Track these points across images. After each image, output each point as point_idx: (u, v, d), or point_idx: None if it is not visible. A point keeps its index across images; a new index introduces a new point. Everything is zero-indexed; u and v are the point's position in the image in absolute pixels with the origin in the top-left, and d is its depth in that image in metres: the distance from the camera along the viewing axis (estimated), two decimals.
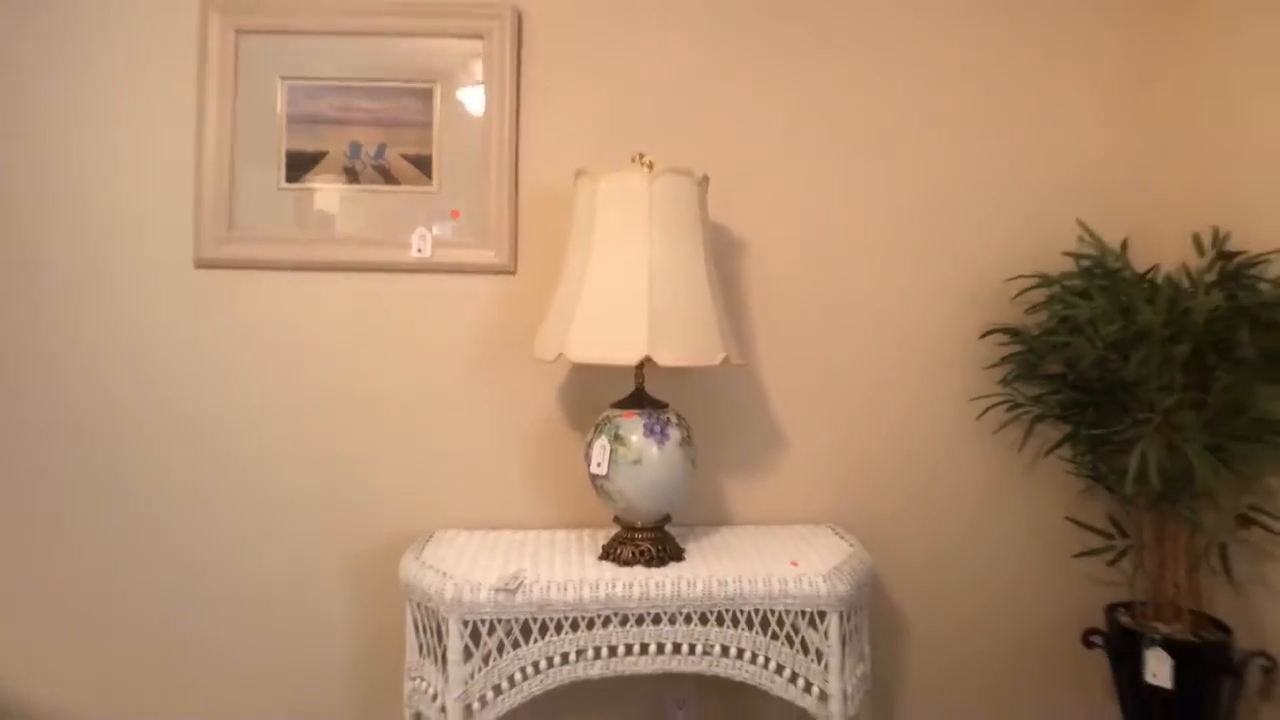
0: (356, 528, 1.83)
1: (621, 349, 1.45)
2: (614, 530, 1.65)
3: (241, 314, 1.81)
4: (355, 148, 1.81)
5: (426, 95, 1.81)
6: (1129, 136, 1.96)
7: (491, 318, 1.84)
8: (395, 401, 1.83)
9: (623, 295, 1.47)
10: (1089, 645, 1.81)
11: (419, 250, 1.81)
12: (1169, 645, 1.63)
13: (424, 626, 1.57)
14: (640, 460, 1.53)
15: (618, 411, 1.59)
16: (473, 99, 1.82)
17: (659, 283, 1.48)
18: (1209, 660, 1.63)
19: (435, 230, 1.81)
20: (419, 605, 1.57)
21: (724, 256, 1.87)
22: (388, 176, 1.81)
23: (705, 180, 1.62)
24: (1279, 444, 1.63)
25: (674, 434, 1.57)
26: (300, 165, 1.80)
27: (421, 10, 1.80)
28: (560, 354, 1.48)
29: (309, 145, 1.80)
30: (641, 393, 1.62)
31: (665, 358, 1.44)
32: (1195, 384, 1.65)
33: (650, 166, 1.54)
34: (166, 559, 1.80)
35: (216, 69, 1.77)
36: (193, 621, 1.81)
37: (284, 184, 1.80)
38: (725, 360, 1.53)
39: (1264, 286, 1.65)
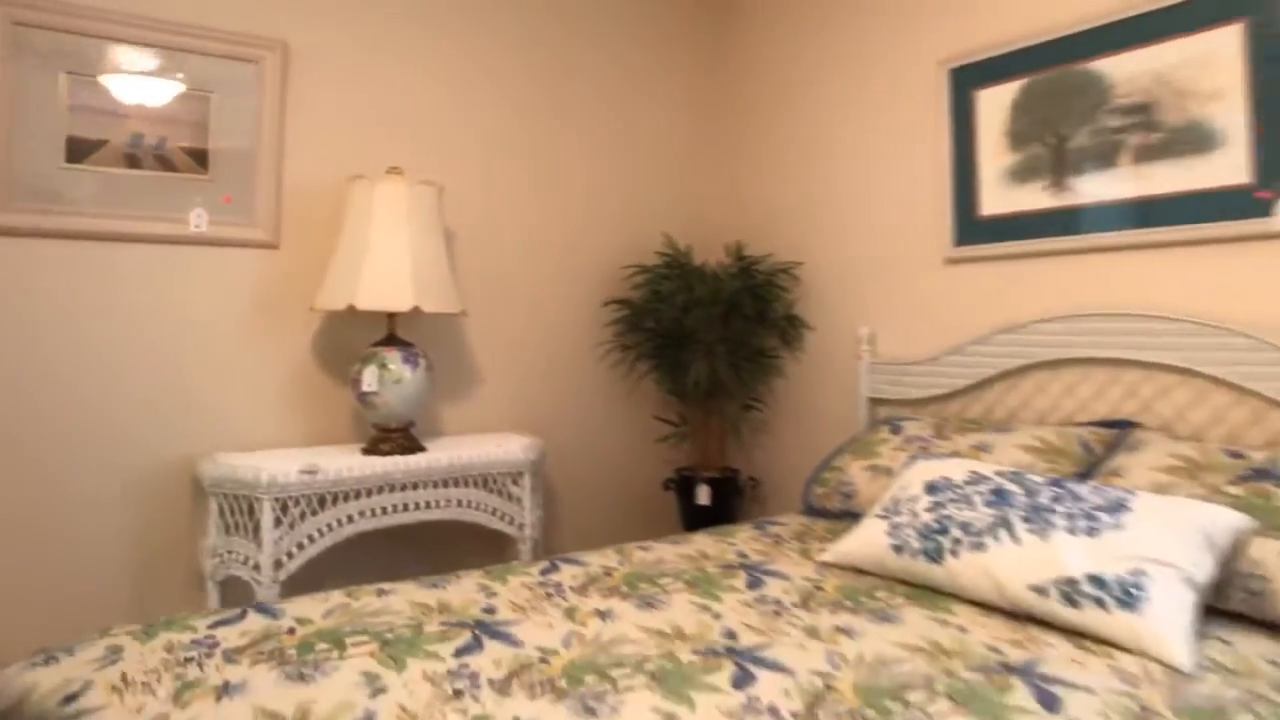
0: (141, 455, 2.27)
1: (398, 301, 2.21)
2: (370, 437, 2.38)
3: (34, 279, 2.13)
4: (137, 138, 2.24)
5: (205, 100, 2.31)
6: (694, 180, 3.21)
7: (259, 282, 2.41)
8: (176, 349, 2.31)
9: (396, 265, 2.22)
10: (666, 489, 3.01)
11: (197, 226, 2.31)
12: (709, 481, 2.86)
13: (233, 510, 2.15)
14: (400, 380, 2.30)
15: (379, 348, 2.32)
16: (246, 108, 2.36)
17: (418, 257, 2.27)
18: (727, 486, 2.90)
19: (210, 213, 2.33)
20: (226, 495, 2.14)
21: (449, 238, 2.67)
22: (167, 165, 2.28)
23: (442, 189, 2.42)
24: (766, 364, 2.96)
25: (421, 363, 2.35)
26: (82, 150, 2.18)
27: (207, 35, 2.29)
28: (350, 304, 2.19)
29: (91, 133, 2.19)
30: (394, 335, 2.37)
31: (428, 306, 2.25)
32: (725, 331, 2.89)
33: (400, 173, 2.30)
34: None
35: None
36: None
37: (64, 164, 2.17)
38: (462, 312, 2.36)
39: (759, 274, 2.94)
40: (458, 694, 1.18)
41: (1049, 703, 1.15)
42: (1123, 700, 1.16)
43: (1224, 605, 1.46)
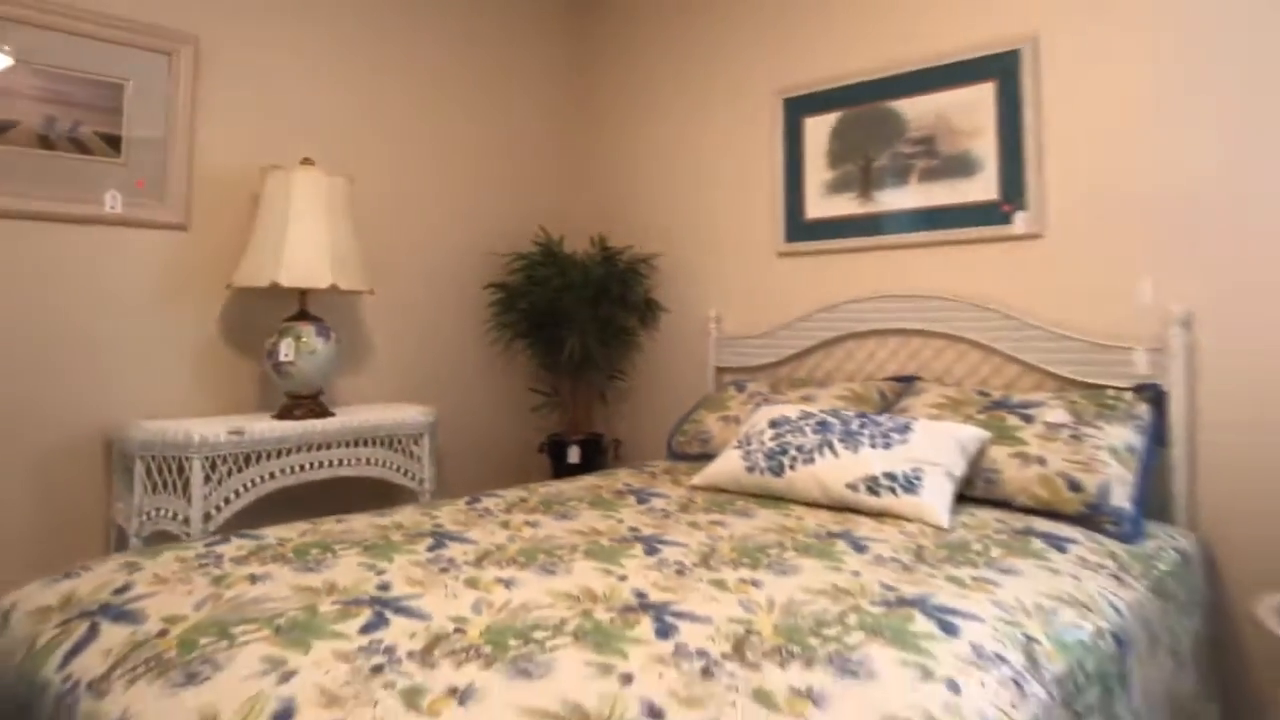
0: (53, 426, 2.42)
1: (318, 279, 2.51)
2: (282, 404, 2.64)
3: None
4: (49, 120, 2.39)
5: (119, 88, 2.48)
6: (566, 178, 3.66)
7: (170, 262, 2.61)
8: (89, 324, 2.47)
9: (315, 247, 2.52)
10: (540, 451, 3.44)
11: (111, 207, 2.49)
12: (578, 443, 3.32)
13: (160, 470, 2.36)
14: (314, 351, 2.59)
15: (294, 323, 2.60)
16: (158, 97, 2.55)
17: (334, 240, 2.57)
18: (594, 447, 3.38)
19: (124, 195, 2.50)
20: (155, 457, 2.36)
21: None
22: (81, 148, 2.44)
23: (353, 179, 2.72)
24: (628, 341, 3.45)
25: (331, 336, 2.65)
26: None
27: (122, 25, 2.47)
28: (274, 281, 2.46)
29: (2, 114, 2.32)
30: (305, 310, 2.65)
31: (344, 284, 2.56)
32: (593, 312, 3.35)
33: (313, 164, 2.59)
34: None
35: None
36: None
37: None
38: (370, 290, 2.68)
39: (621, 263, 3.42)
40: (377, 670, 1.15)
41: (860, 548, 1.71)
42: (907, 544, 1.74)
43: (971, 492, 2.11)
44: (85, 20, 2.42)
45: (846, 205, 2.90)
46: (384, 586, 1.49)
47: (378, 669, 1.15)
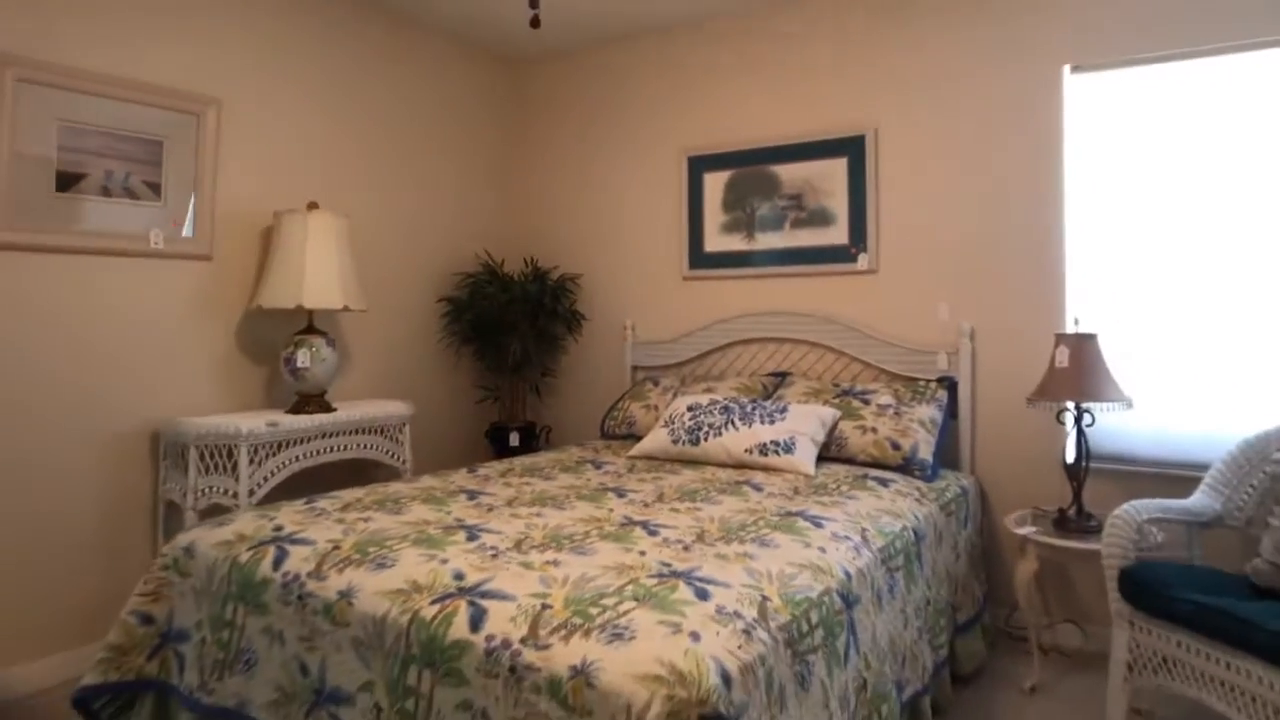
0: (109, 421, 3.02)
1: (333, 301, 3.23)
2: (294, 402, 3.33)
3: (31, 289, 2.81)
4: (109, 173, 2.99)
5: (159, 144, 3.10)
6: (502, 210, 4.46)
7: (196, 287, 3.24)
8: (135, 339, 3.07)
9: (329, 274, 3.23)
10: (486, 436, 4.24)
11: (155, 243, 3.10)
12: (517, 429, 4.14)
13: (213, 455, 3.02)
14: (325, 359, 3.30)
15: (306, 335, 3.30)
16: (189, 149, 3.18)
17: (342, 270, 3.28)
18: (529, 433, 4.21)
19: (164, 232, 3.12)
20: (208, 445, 3.01)
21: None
22: (131, 194, 3.04)
23: (349, 217, 3.43)
24: (558, 345, 4.31)
25: (336, 344, 3.36)
26: (67, 181, 2.89)
27: (162, 92, 3.08)
28: (299, 304, 3.15)
29: (74, 168, 2.90)
30: (312, 325, 3.34)
31: (352, 305, 3.28)
32: (532, 322, 4.17)
33: (318, 206, 3.30)
34: None
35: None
36: None
37: (54, 192, 2.87)
38: (365, 310, 3.42)
39: (551, 281, 4.25)
40: (494, 555, 2.12)
41: (759, 489, 2.66)
42: (787, 486, 2.71)
43: (828, 454, 3.12)
44: (133, 89, 3.03)
45: (736, 243, 3.87)
46: (460, 519, 2.30)
47: (494, 554, 1.98)
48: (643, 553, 2.01)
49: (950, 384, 3.34)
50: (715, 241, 3.94)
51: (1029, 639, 2.88)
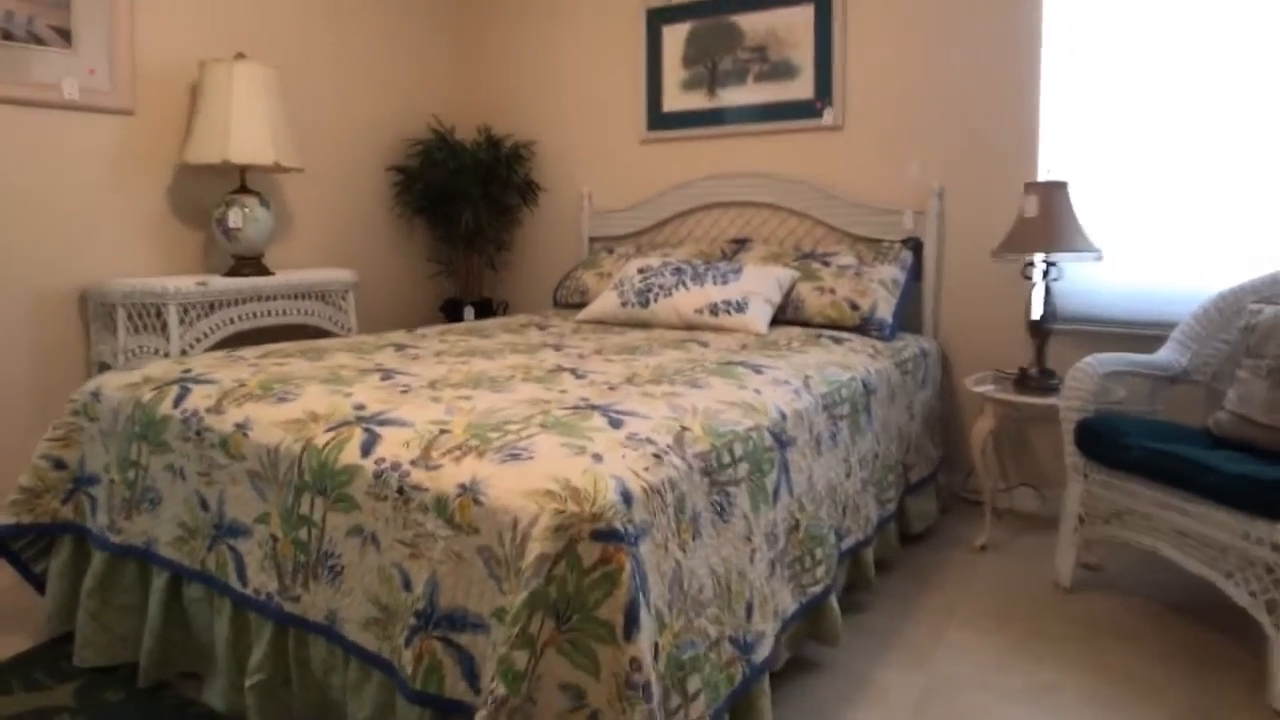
0: (33, 281, 2.90)
1: (263, 156, 3.07)
2: (229, 266, 3.20)
3: None
4: (9, 14, 2.79)
5: None
6: (457, 76, 4.23)
7: (119, 143, 3.07)
8: (54, 197, 2.93)
9: (258, 128, 3.06)
10: (441, 310, 4.14)
11: (69, 94, 2.92)
12: (473, 304, 4.03)
13: (141, 315, 2.91)
14: (258, 220, 3.16)
15: (239, 195, 3.15)
16: None
17: (273, 124, 3.11)
18: (485, 308, 4.10)
19: (79, 81, 2.94)
20: (135, 304, 2.90)
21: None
22: (37, 39, 2.85)
23: (280, 70, 3.24)
24: (512, 218, 4.16)
25: (271, 205, 3.22)
26: None
27: None
28: (224, 159, 2.99)
29: None
30: (244, 185, 3.19)
31: (284, 162, 3.12)
32: (483, 191, 4.01)
33: (245, 57, 3.11)
34: None
35: None
36: None
37: None
38: (300, 168, 3.26)
39: (504, 149, 4.08)
40: (405, 391, 1.93)
41: (704, 346, 2.57)
42: (735, 344, 2.62)
43: (783, 317, 3.02)
44: None
45: (697, 100, 3.68)
46: (380, 364, 2.21)
47: (405, 390, 1.90)
48: (564, 391, 1.93)
49: (916, 245, 3.22)
50: (675, 100, 3.75)
51: (984, 502, 2.84)
